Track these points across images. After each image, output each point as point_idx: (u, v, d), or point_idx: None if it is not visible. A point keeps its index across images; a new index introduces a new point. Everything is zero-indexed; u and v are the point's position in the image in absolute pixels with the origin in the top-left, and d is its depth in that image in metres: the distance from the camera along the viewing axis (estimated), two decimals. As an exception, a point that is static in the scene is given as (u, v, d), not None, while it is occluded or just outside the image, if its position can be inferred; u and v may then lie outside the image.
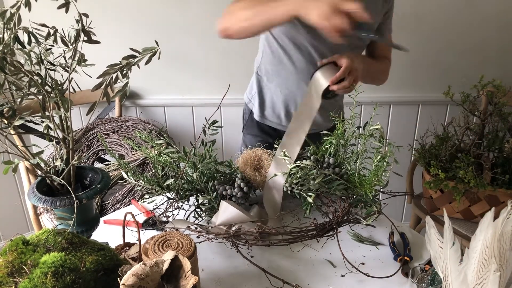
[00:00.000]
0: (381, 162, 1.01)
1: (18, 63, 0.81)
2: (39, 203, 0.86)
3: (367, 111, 2.21)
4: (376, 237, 1.11)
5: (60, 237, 0.79)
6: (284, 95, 1.42)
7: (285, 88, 1.41)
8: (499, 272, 0.74)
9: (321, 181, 1.05)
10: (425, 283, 0.89)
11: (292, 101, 1.42)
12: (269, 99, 1.46)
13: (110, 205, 1.82)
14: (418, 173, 1.86)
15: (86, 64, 0.88)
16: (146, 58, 0.84)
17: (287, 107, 1.44)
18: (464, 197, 1.52)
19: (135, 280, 0.70)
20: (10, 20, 0.81)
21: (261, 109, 1.49)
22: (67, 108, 0.85)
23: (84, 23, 0.83)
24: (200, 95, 2.21)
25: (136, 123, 2.05)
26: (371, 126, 1.07)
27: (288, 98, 1.42)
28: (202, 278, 0.96)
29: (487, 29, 2.07)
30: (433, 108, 2.22)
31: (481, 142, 1.57)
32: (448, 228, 0.82)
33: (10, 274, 0.72)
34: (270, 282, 0.93)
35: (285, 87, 1.41)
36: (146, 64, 0.84)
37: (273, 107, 1.46)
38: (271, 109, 1.47)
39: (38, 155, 0.86)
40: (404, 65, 2.16)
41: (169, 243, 0.87)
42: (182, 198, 1.13)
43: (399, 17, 2.04)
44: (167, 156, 1.13)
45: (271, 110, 1.47)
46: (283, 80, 1.41)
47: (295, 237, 0.99)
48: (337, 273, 0.98)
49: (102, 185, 0.92)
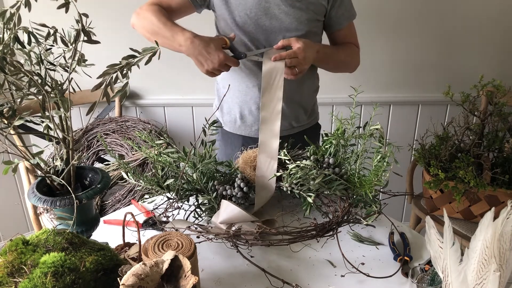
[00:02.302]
0: (381, 162, 1.01)
1: (18, 63, 0.81)
2: (39, 203, 0.86)
3: (367, 111, 2.21)
4: (376, 237, 1.11)
5: (60, 237, 0.79)
6: (238, 99, 1.45)
7: (238, 91, 1.44)
8: (499, 272, 0.74)
9: (321, 181, 1.05)
10: (425, 283, 0.89)
11: (246, 105, 1.45)
12: (226, 105, 1.50)
13: (110, 205, 1.82)
14: (418, 173, 1.86)
15: (86, 64, 0.88)
16: (146, 58, 0.84)
17: (242, 111, 1.47)
18: (464, 197, 1.52)
19: (135, 280, 0.70)
20: (10, 20, 0.81)
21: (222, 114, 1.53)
22: (67, 108, 0.85)
23: (84, 23, 0.84)
24: (200, 95, 2.21)
25: (136, 123, 2.05)
26: (371, 126, 1.07)
27: (243, 102, 1.45)
28: (202, 278, 0.96)
29: (487, 29, 2.07)
30: (433, 108, 2.22)
31: (481, 142, 1.57)
32: (448, 228, 0.82)
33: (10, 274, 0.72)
34: (270, 282, 0.93)
35: (237, 90, 1.44)
36: (146, 64, 0.84)
37: (230, 112, 1.49)
38: (228, 114, 1.50)
39: (38, 155, 0.86)
40: (404, 65, 2.16)
41: (169, 243, 0.87)
42: (182, 198, 1.13)
43: (399, 17, 2.05)
44: (167, 156, 1.13)
45: (228, 116, 1.51)
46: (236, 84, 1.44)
47: (295, 237, 0.99)
48: (337, 273, 0.98)
49: (102, 185, 0.92)
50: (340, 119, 1.12)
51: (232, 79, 1.43)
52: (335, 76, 1.74)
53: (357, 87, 1.13)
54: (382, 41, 2.10)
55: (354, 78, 2.05)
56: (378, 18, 2.06)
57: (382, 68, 2.16)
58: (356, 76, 1.99)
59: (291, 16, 1.32)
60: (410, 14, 2.04)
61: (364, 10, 1.95)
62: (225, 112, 1.51)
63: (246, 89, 1.42)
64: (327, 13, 1.40)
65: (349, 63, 1.50)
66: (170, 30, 1.27)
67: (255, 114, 1.45)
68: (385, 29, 2.09)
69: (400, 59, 2.15)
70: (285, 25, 1.33)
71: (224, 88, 1.47)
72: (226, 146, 1.54)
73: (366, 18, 2.01)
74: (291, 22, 1.33)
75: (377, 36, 2.09)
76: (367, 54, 1.70)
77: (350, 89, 1.16)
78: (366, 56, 1.59)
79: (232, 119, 1.49)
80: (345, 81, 2.10)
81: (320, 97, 1.60)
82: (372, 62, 2.11)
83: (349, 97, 1.13)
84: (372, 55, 2.08)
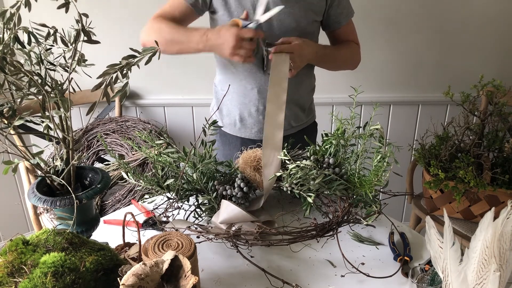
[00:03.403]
0: (381, 162, 1.01)
1: (18, 63, 0.81)
2: (39, 203, 0.86)
3: (367, 111, 2.21)
4: (376, 237, 1.11)
5: (60, 237, 0.79)
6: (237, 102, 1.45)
7: (236, 94, 1.44)
8: (499, 272, 0.74)
9: (321, 181, 1.05)
10: (425, 283, 0.89)
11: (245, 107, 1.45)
12: (225, 108, 1.49)
13: (110, 205, 1.82)
14: (418, 173, 1.86)
15: (86, 64, 0.88)
16: (146, 58, 0.84)
17: (241, 114, 1.46)
18: (464, 197, 1.52)
19: (135, 280, 0.70)
20: (10, 20, 0.81)
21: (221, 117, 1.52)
22: (67, 108, 0.85)
23: (84, 23, 0.84)
24: (200, 95, 2.21)
25: (136, 123, 2.05)
26: (371, 126, 1.07)
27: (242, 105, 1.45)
28: (202, 278, 0.96)
29: (487, 29, 2.07)
30: (433, 108, 2.22)
31: (481, 142, 1.57)
32: (448, 228, 0.82)
33: (10, 274, 0.72)
34: (270, 282, 0.93)
35: (236, 93, 1.44)
36: (146, 64, 0.84)
37: (229, 114, 1.49)
38: (227, 117, 1.50)
39: (38, 155, 0.86)
40: (404, 65, 2.16)
41: (169, 243, 0.87)
42: (182, 198, 1.13)
43: (399, 17, 2.05)
44: (167, 156, 1.13)
45: (228, 118, 1.50)
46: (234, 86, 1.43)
47: (295, 237, 0.99)
48: (337, 273, 0.98)
49: (102, 185, 0.92)
50: (340, 119, 1.12)
51: (230, 81, 1.43)
52: (335, 76, 1.74)
53: (357, 87, 1.13)
54: (382, 41, 2.10)
55: (354, 78, 2.06)
56: (378, 18, 2.06)
57: (382, 68, 2.16)
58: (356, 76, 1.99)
59: (291, 17, 1.33)
60: (410, 14, 2.04)
61: (364, 10, 1.95)
62: (224, 115, 1.51)
63: (245, 91, 1.42)
64: (325, 12, 1.40)
65: (350, 61, 1.51)
66: (183, 33, 1.27)
67: (255, 116, 1.45)
68: (385, 29, 2.09)
69: (400, 59, 2.15)
70: (285, 25, 1.33)
71: (223, 91, 1.46)
72: (224, 146, 1.55)
73: (366, 18, 2.01)
74: (290, 22, 1.33)
75: (377, 36, 2.09)
76: (367, 54, 1.70)
77: (350, 89, 1.16)
78: (366, 56, 1.59)
79: (232, 122, 1.49)
80: (345, 81, 2.10)
81: (319, 97, 1.61)
82: (372, 62, 2.11)
83: (349, 97, 1.13)
84: (372, 55, 2.08)
